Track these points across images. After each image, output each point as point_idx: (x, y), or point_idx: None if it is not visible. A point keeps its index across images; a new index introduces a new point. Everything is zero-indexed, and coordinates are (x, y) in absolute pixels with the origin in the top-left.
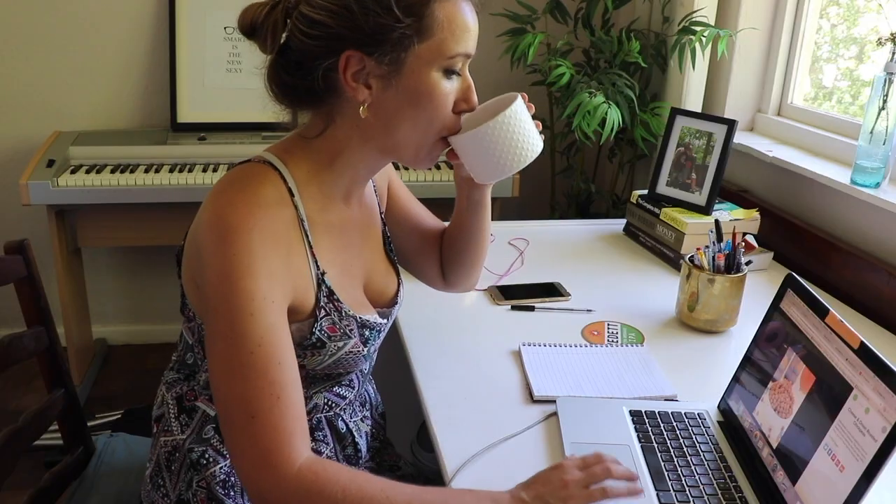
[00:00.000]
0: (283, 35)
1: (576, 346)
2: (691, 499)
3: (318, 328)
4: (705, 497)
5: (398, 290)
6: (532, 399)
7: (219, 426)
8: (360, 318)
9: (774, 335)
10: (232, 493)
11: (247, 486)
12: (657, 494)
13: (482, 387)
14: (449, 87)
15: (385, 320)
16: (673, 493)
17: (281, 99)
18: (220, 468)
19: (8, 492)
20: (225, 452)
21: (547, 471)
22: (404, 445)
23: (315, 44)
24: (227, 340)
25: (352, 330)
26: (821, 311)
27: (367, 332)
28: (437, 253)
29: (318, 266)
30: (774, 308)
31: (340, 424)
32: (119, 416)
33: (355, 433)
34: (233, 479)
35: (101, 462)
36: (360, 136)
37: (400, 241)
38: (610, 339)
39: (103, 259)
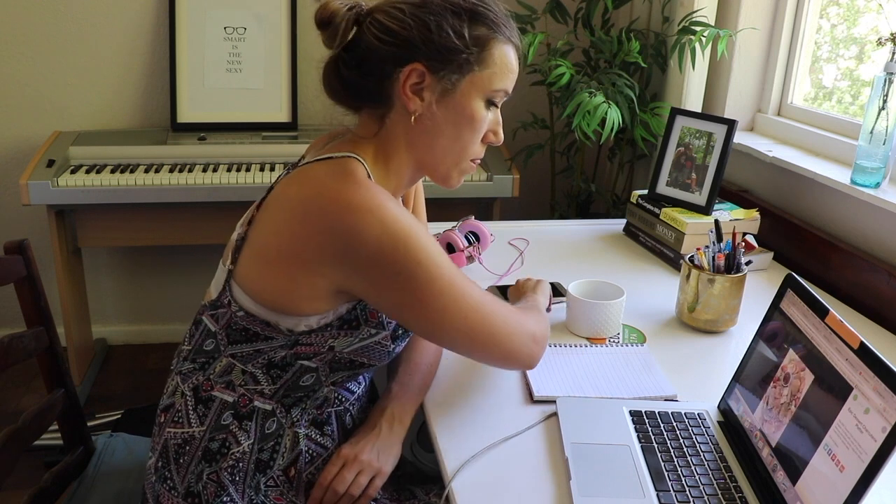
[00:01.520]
0: (352, 33)
1: (576, 346)
2: (691, 499)
3: (362, 306)
4: (705, 497)
5: None
6: (532, 399)
7: (237, 413)
8: None
9: (774, 335)
10: (237, 479)
11: (529, 364)
12: (657, 495)
13: (482, 387)
14: (487, 117)
15: None
16: (673, 494)
17: (339, 92)
18: (234, 453)
19: (8, 492)
20: (241, 437)
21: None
22: (404, 446)
23: (386, 49)
24: (440, 295)
25: (389, 323)
26: (821, 311)
27: (400, 330)
28: None
29: None
30: (774, 308)
31: (348, 420)
32: (119, 416)
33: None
34: (241, 464)
35: (101, 462)
36: (407, 143)
37: None
38: (611, 340)
39: (103, 259)
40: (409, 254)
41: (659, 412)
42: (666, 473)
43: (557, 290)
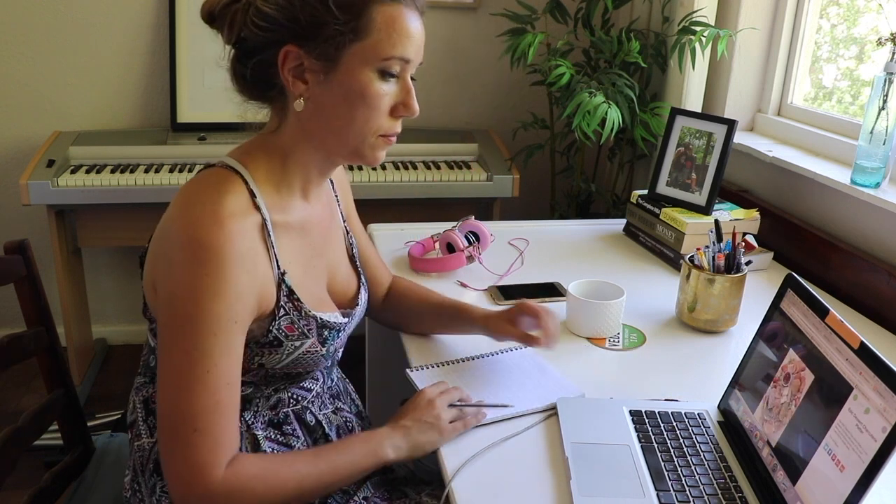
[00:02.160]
0: (240, 26)
1: (462, 361)
2: (691, 499)
3: (276, 327)
4: (705, 497)
5: (359, 291)
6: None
7: None
8: (320, 318)
9: (774, 335)
10: None
11: (177, 493)
12: (657, 494)
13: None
14: (385, 89)
15: (347, 319)
16: (673, 493)
17: (241, 88)
18: None
19: (8, 492)
20: None
21: (413, 399)
22: None
23: (263, 36)
24: (186, 356)
25: (310, 330)
26: (821, 311)
27: (325, 332)
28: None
29: (279, 266)
30: (775, 308)
31: (309, 417)
32: (119, 416)
33: (325, 425)
34: None
35: (100, 462)
36: (304, 132)
37: None
38: (611, 340)
39: (103, 259)
40: (201, 311)
41: (659, 412)
42: (666, 473)
43: (558, 290)
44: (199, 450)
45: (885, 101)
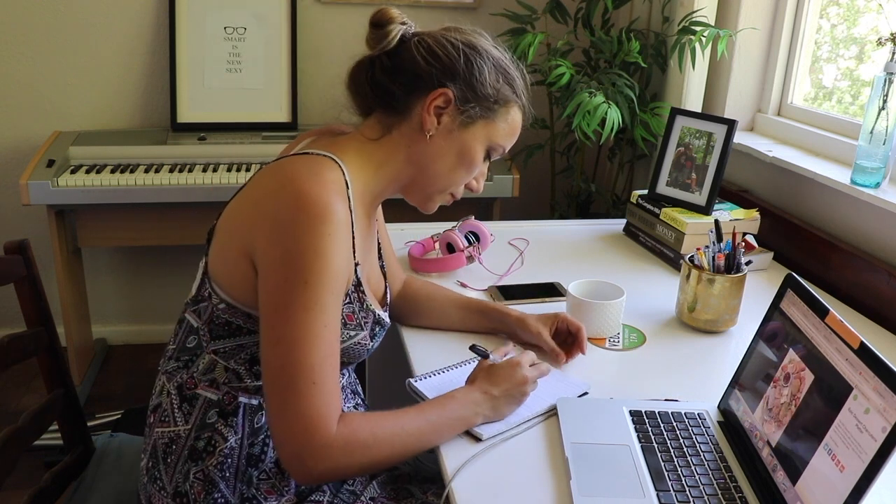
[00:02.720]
0: (395, 41)
1: (463, 365)
2: (691, 499)
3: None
4: (705, 497)
5: (386, 292)
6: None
7: (223, 411)
8: (377, 313)
9: (774, 335)
10: (227, 475)
11: (293, 448)
12: (657, 495)
13: None
14: (481, 164)
15: (389, 320)
16: (673, 493)
17: (362, 90)
18: (221, 450)
19: (8, 492)
20: (227, 433)
21: (506, 369)
22: None
23: (428, 67)
24: (306, 312)
25: (367, 323)
26: (821, 311)
27: (377, 329)
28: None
29: (354, 256)
30: (774, 308)
31: None
32: (119, 416)
33: None
34: (230, 460)
35: (100, 462)
36: (406, 157)
37: None
38: (611, 340)
39: (103, 259)
40: (325, 267)
41: (659, 412)
42: (666, 473)
43: (557, 290)
44: (317, 402)
45: (885, 101)
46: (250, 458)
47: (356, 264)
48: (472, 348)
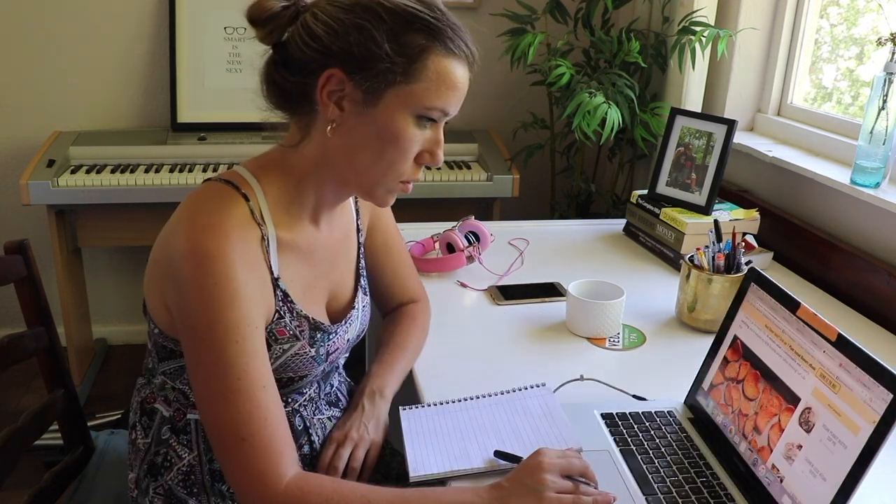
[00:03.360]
0: (285, 35)
1: (464, 401)
2: (679, 500)
3: (268, 330)
4: (692, 498)
5: (354, 297)
6: (408, 479)
7: (174, 427)
8: (312, 319)
9: (734, 338)
10: (195, 490)
11: (239, 498)
12: (646, 500)
13: (482, 387)
14: (418, 136)
15: (340, 322)
16: (661, 497)
17: (268, 94)
18: (179, 468)
19: (8, 492)
20: (181, 451)
21: (525, 459)
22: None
23: (308, 53)
24: (214, 368)
25: (303, 332)
26: (791, 305)
27: (317, 335)
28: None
29: (272, 272)
30: (737, 306)
31: (297, 421)
32: (119, 415)
33: (312, 432)
34: (193, 476)
35: (100, 461)
36: (325, 157)
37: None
38: (611, 340)
39: (103, 259)
40: (218, 321)
41: (630, 413)
42: (649, 476)
43: (557, 290)
44: (251, 460)
45: (884, 101)
46: (213, 474)
47: (276, 278)
48: (499, 454)
